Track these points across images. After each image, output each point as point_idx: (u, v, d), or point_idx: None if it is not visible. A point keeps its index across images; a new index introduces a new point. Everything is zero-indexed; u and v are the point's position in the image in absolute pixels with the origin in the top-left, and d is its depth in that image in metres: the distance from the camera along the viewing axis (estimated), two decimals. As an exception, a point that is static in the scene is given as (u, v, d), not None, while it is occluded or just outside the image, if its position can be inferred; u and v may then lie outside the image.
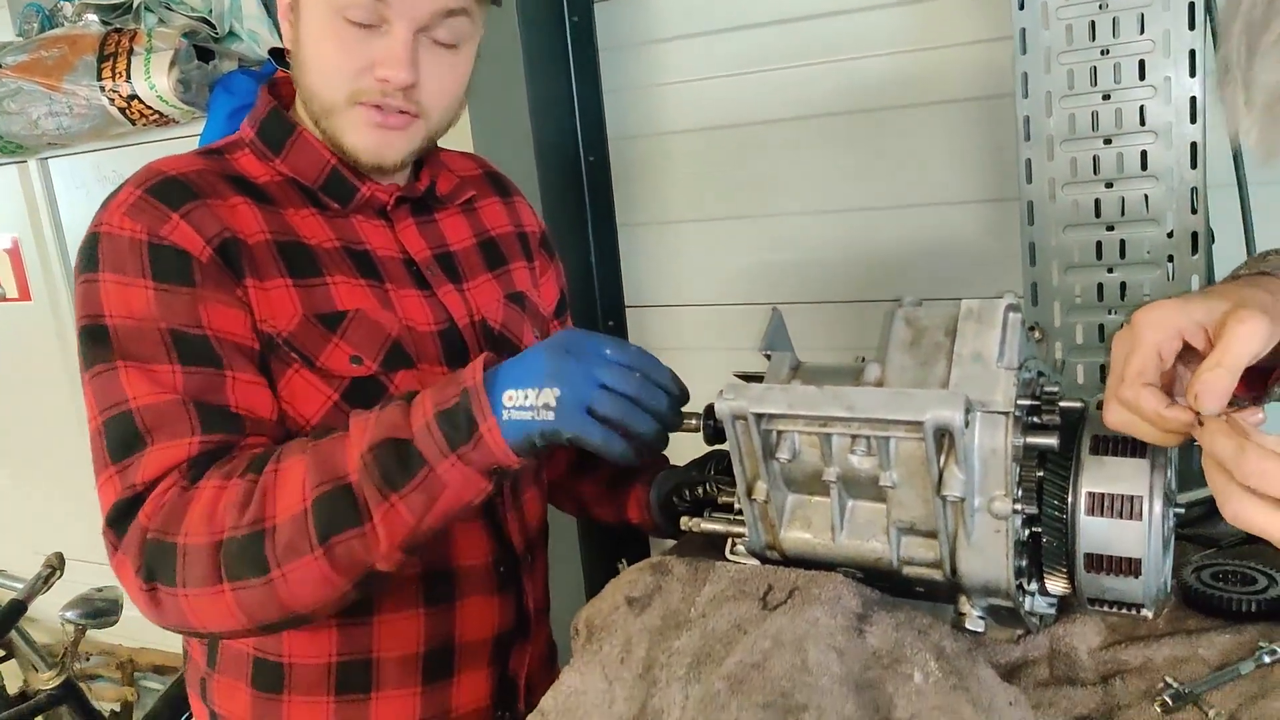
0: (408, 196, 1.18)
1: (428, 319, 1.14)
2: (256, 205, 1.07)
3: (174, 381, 0.97)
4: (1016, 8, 1.52)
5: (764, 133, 2.03)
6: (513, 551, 1.21)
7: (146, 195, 1.02)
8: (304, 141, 1.13)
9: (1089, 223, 1.54)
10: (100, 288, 1.00)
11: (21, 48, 2.61)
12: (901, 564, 0.87)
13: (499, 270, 1.27)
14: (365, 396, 1.05)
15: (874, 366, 0.86)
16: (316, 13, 1.05)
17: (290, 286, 1.05)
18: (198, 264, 1.00)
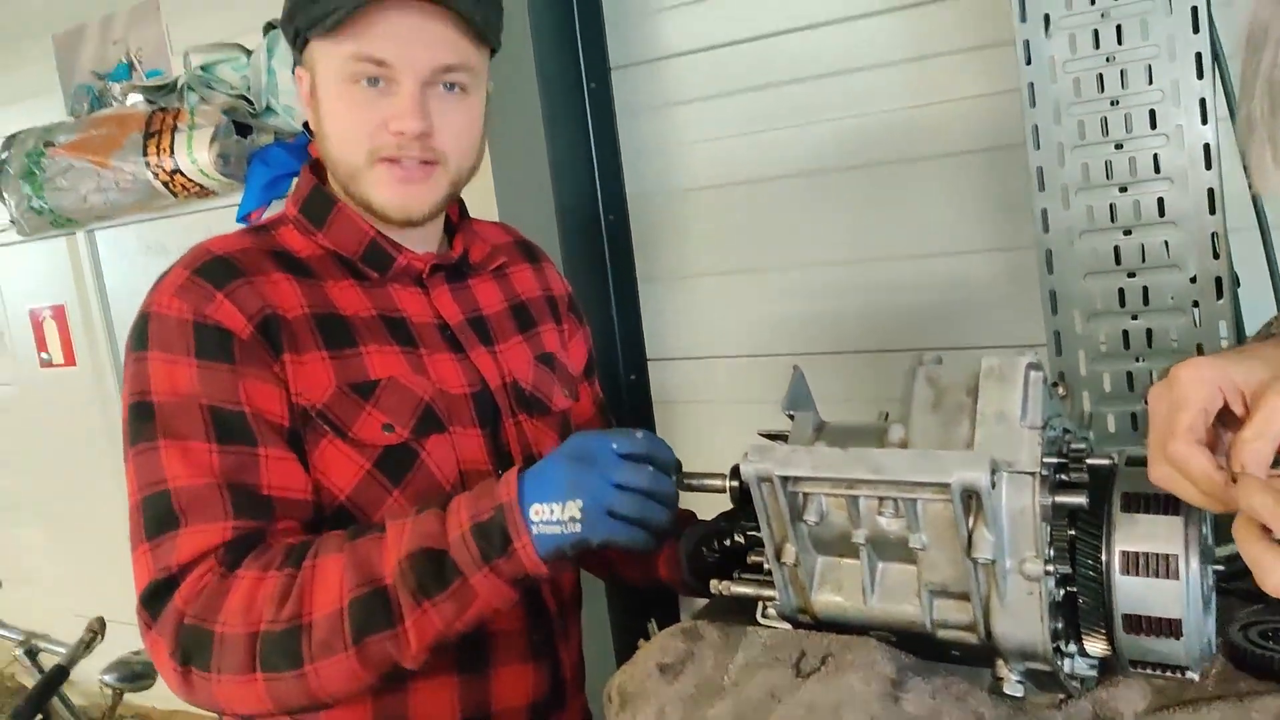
0: (442, 264, 1.22)
1: (460, 381, 1.17)
2: (297, 280, 1.12)
3: (210, 462, 1.01)
4: (1023, 63, 1.54)
5: (779, 188, 2.06)
6: (547, 618, 1.21)
7: (194, 276, 1.07)
8: (344, 216, 1.17)
9: (1110, 270, 1.55)
10: (149, 365, 1.05)
11: (73, 127, 2.72)
12: (935, 627, 0.86)
13: (529, 332, 1.30)
14: (397, 464, 1.09)
15: (898, 427, 0.87)
16: (330, 87, 1.11)
17: (326, 359, 1.09)
18: (239, 341, 1.05)
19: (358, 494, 1.08)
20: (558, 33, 2.10)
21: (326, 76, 1.11)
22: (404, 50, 1.08)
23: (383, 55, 1.07)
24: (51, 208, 2.81)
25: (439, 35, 1.09)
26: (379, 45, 1.07)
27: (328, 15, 1.06)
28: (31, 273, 3.19)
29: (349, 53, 1.08)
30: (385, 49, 1.07)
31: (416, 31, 1.07)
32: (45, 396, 3.22)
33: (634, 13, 2.14)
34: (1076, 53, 1.49)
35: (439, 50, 1.09)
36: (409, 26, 1.07)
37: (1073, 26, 1.48)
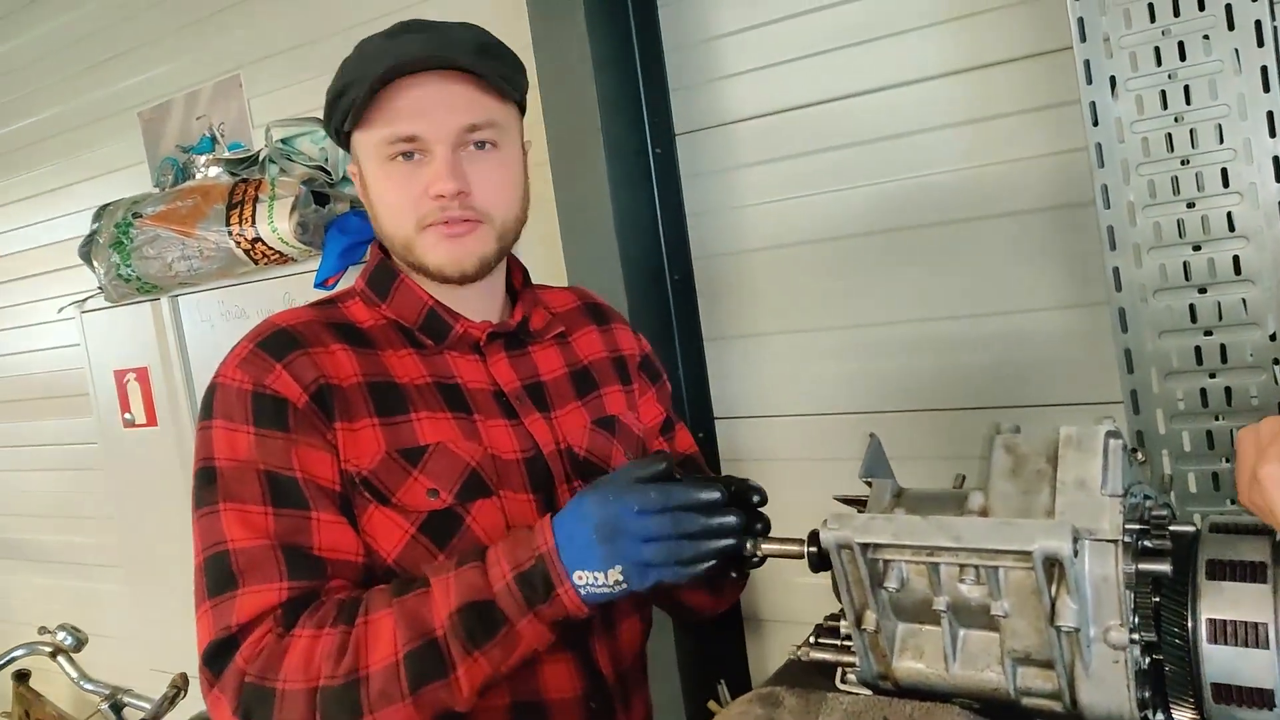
0: (500, 332, 1.25)
1: (514, 447, 1.20)
2: (354, 350, 1.17)
3: (266, 524, 1.07)
4: (1090, 124, 1.54)
5: (844, 247, 2.08)
6: (604, 684, 1.21)
7: (256, 349, 1.14)
8: (405, 287, 1.23)
9: (1185, 328, 1.53)
10: (213, 434, 1.11)
11: (160, 199, 2.84)
12: (1019, 695, 0.86)
13: (589, 397, 1.31)
14: (441, 528, 1.13)
15: (977, 495, 0.88)
16: (373, 170, 1.18)
17: (377, 425, 1.14)
18: (293, 409, 1.10)
19: (403, 557, 1.12)
20: (623, 101, 2.15)
21: (369, 162, 1.18)
22: (428, 120, 1.14)
23: (410, 130, 1.13)
24: (138, 275, 2.93)
25: (459, 98, 1.15)
26: (404, 123, 1.14)
27: (352, 108, 1.14)
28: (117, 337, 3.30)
29: (381, 137, 1.15)
30: (411, 124, 1.13)
31: (436, 100, 1.14)
32: (128, 455, 3.32)
33: (697, 80, 2.20)
34: (1144, 113, 1.49)
35: (460, 113, 1.14)
36: (428, 97, 1.13)
37: (1140, 88, 1.49)
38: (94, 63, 3.39)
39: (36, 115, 3.64)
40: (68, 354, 3.57)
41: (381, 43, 1.17)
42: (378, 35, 1.19)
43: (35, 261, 3.73)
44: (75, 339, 3.46)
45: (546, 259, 2.38)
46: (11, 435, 3.97)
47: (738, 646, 2.34)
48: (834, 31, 2.01)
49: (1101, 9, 1.49)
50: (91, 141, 3.47)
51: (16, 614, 4.06)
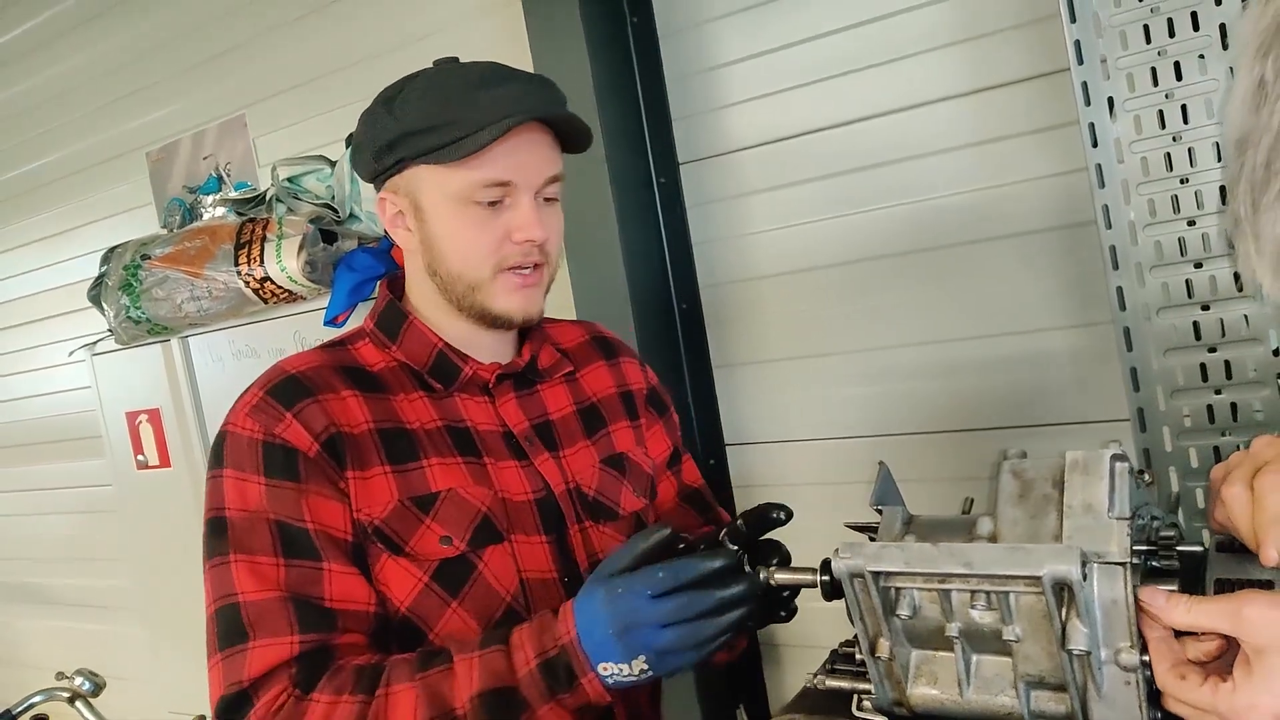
0: (508, 373, 1.26)
1: (524, 488, 1.20)
2: (364, 396, 1.17)
3: (277, 576, 1.07)
4: (1089, 145, 1.56)
5: (850, 272, 2.09)
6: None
7: (266, 396, 1.14)
8: (415, 329, 1.24)
9: (1190, 345, 1.54)
10: (224, 483, 1.11)
11: (167, 240, 2.86)
12: (1033, 718, 0.87)
13: (597, 435, 1.32)
14: (454, 576, 1.14)
15: (986, 521, 0.89)
16: (444, 209, 1.17)
17: (389, 473, 1.14)
18: (304, 459, 1.11)
19: (417, 605, 1.13)
20: (627, 131, 2.17)
21: (439, 199, 1.16)
22: (523, 169, 1.15)
23: (508, 177, 1.14)
24: (148, 317, 2.95)
25: (547, 149, 1.18)
26: (503, 169, 1.14)
27: (448, 146, 1.12)
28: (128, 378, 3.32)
29: (476, 180, 1.14)
30: (508, 171, 1.14)
31: (532, 149, 1.16)
32: (142, 497, 3.33)
33: (700, 109, 2.22)
34: (1143, 133, 1.51)
35: (547, 164, 1.18)
36: (525, 147, 1.15)
37: (1138, 108, 1.51)
38: (101, 105, 3.43)
39: (44, 159, 3.68)
40: (79, 396, 3.59)
41: (482, 87, 1.13)
42: (459, 76, 1.15)
43: (45, 305, 3.76)
44: (87, 381, 3.48)
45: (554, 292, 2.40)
46: (24, 479, 3.99)
47: (755, 672, 2.34)
48: (834, 58, 2.03)
49: (1098, 31, 1.51)
50: (99, 183, 3.51)
51: (32, 659, 4.06)
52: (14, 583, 4.10)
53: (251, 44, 2.97)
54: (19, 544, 4.05)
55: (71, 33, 3.45)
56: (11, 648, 4.19)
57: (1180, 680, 0.76)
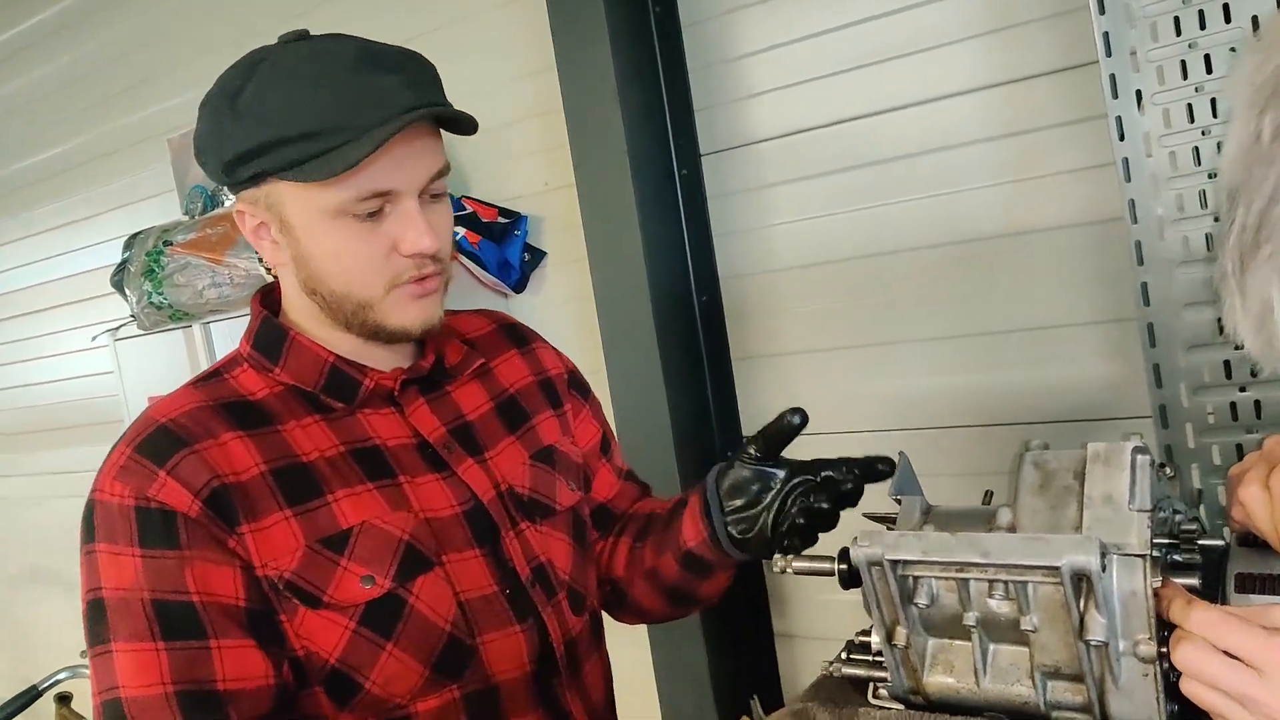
0: (414, 377, 1.15)
1: (449, 501, 1.10)
2: (249, 436, 1.04)
3: (159, 664, 0.95)
4: (1116, 139, 1.55)
5: (872, 265, 2.08)
6: (554, 665, 1.16)
7: (135, 454, 1.00)
8: (299, 345, 1.10)
9: (1215, 343, 1.53)
10: (97, 559, 0.99)
11: (189, 227, 2.89)
12: (1049, 708, 0.87)
13: (521, 429, 1.23)
14: (383, 616, 1.03)
15: (1005, 511, 0.88)
16: (317, 222, 1.03)
17: (290, 517, 1.02)
18: (184, 520, 0.98)
19: (347, 655, 1.02)
20: (648, 122, 2.17)
21: (310, 216, 1.02)
22: (404, 172, 1.02)
23: (387, 186, 1.01)
24: (170, 303, 2.98)
25: (429, 145, 1.05)
26: (382, 177, 1.00)
27: (313, 161, 0.98)
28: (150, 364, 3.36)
29: (351, 194, 1.00)
30: (388, 179, 1.01)
31: (412, 150, 1.02)
32: (162, 481, 3.38)
33: (722, 100, 2.21)
34: (1171, 127, 1.49)
35: (428, 161, 1.04)
36: (406, 147, 1.01)
37: (1166, 102, 1.49)
38: (123, 89, 3.43)
39: (67, 144, 3.70)
40: (101, 381, 3.62)
41: (348, 82, 0.98)
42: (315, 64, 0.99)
43: (67, 290, 3.79)
44: (109, 367, 3.52)
45: (574, 283, 2.41)
46: (46, 463, 4.03)
47: (769, 662, 2.34)
48: (859, 49, 2.02)
49: (1128, 23, 1.50)
50: (122, 169, 3.52)
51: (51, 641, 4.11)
52: (35, 565, 4.15)
53: (275, 32, 2.97)
54: (40, 528, 4.09)
55: (94, 15, 3.47)
56: (29, 630, 4.25)
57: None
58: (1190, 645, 0.74)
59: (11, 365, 4.07)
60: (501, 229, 2.44)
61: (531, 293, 2.52)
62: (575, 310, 2.42)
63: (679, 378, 2.19)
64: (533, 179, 2.46)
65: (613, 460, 1.37)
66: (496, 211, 2.46)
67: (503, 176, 2.51)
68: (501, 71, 2.45)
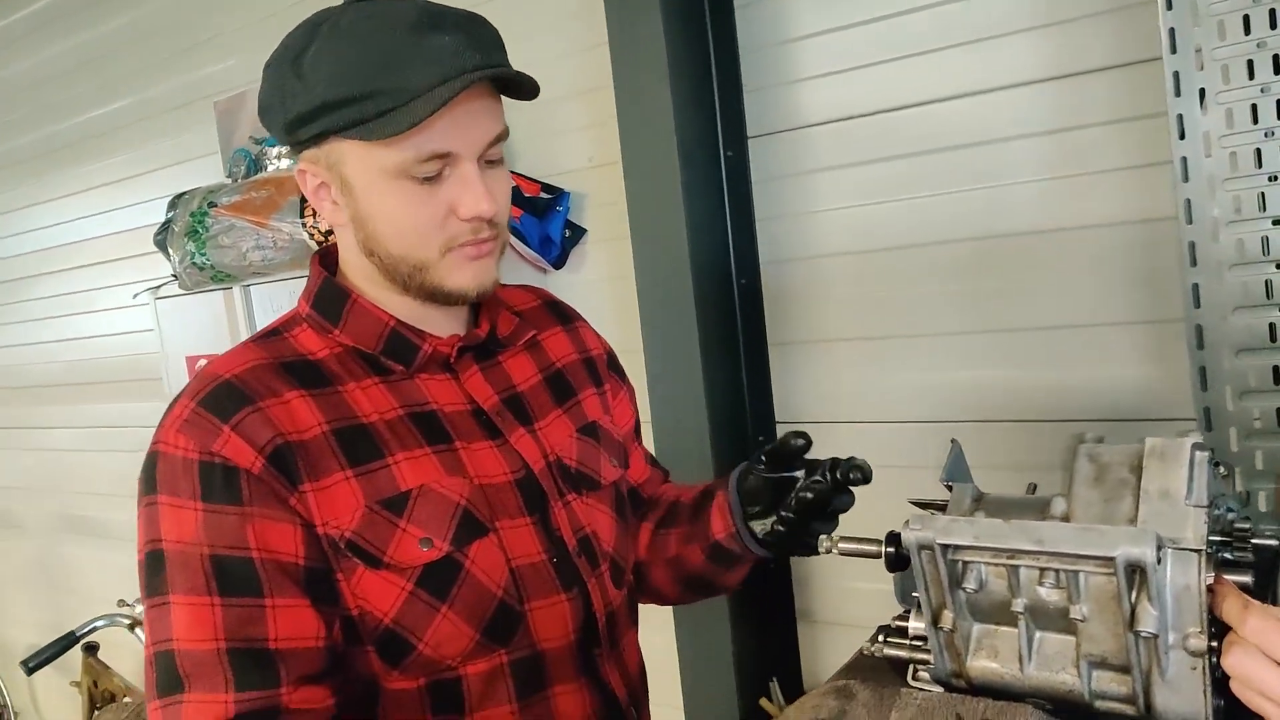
0: (469, 344, 1.16)
1: (502, 469, 1.12)
2: (311, 395, 1.05)
3: (213, 619, 0.97)
4: (1176, 137, 1.54)
5: (914, 256, 2.08)
6: (618, 707, 1.19)
7: (198, 408, 1.01)
8: (360, 308, 1.11)
9: (1264, 347, 1.52)
10: (158, 510, 1.00)
11: (234, 189, 2.92)
12: (1093, 698, 0.87)
13: (568, 404, 1.24)
14: (440, 579, 1.04)
15: (1060, 501, 0.89)
16: (377, 183, 1.04)
17: (351, 478, 1.03)
18: (247, 477, 0.99)
19: (403, 616, 1.04)
20: (697, 102, 2.17)
21: (370, 176, 1.03)
22: (464, 135, 1.02)
23: (446, 148, 1.02)
24: (213, 264, 3.01)
25: (489, 108, 1.05)
26: (441, 140, 1.01)
27: (374, 121, 0.99)
28: (190, 323, 3.40)
29: (411, 155, 1.01)
30: (448, 141, 1.01)
31: (473, 112, 1.02)
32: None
33: (771, 83, 2.21)
34: (1233, 127, 1.48)
35: (488, 124, 1.05)
36: (467, 109, 1.01)
37: (1230, 101, 1.48)
38: (173, 52, 3.47)
39: (114, 103, 3.73)
40: (141, 339, 3.67)
41: (409, 42, 0.98)
42: (377, 22, 0.99)
43: (110, 248, 3.84)
44: (149, 325, 3.57)
45: (613, 261, 2.41)
46: (86, 416, 4.09)
47: (791, 645, 2.35)
48: (913, 37, 2.01)
49: (1195, 20, 1.48)
50: (167, 130, 3.55)
51: (84, 588, 4.19)
52: (70, 514, 4.22)
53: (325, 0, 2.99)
54: (77, 478, 4.16)
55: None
56: (64, 576, 4.33)
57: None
58: (1243, 652, 0.74)
59: (54, 319, 4.13)
60: (544, 204, 2.45)
61: (570, 270, 2.53)
62: (613, 288, 2.43)
63: (716, 359, 2.20)
64: (576, 155, 2.46)
65: (641, 445, 1.40)
66: (539, 187, 2.47)
67: (547, 152, 2.51)
68: (551, 47, 2.45)
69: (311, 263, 1.18)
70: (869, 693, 0.96)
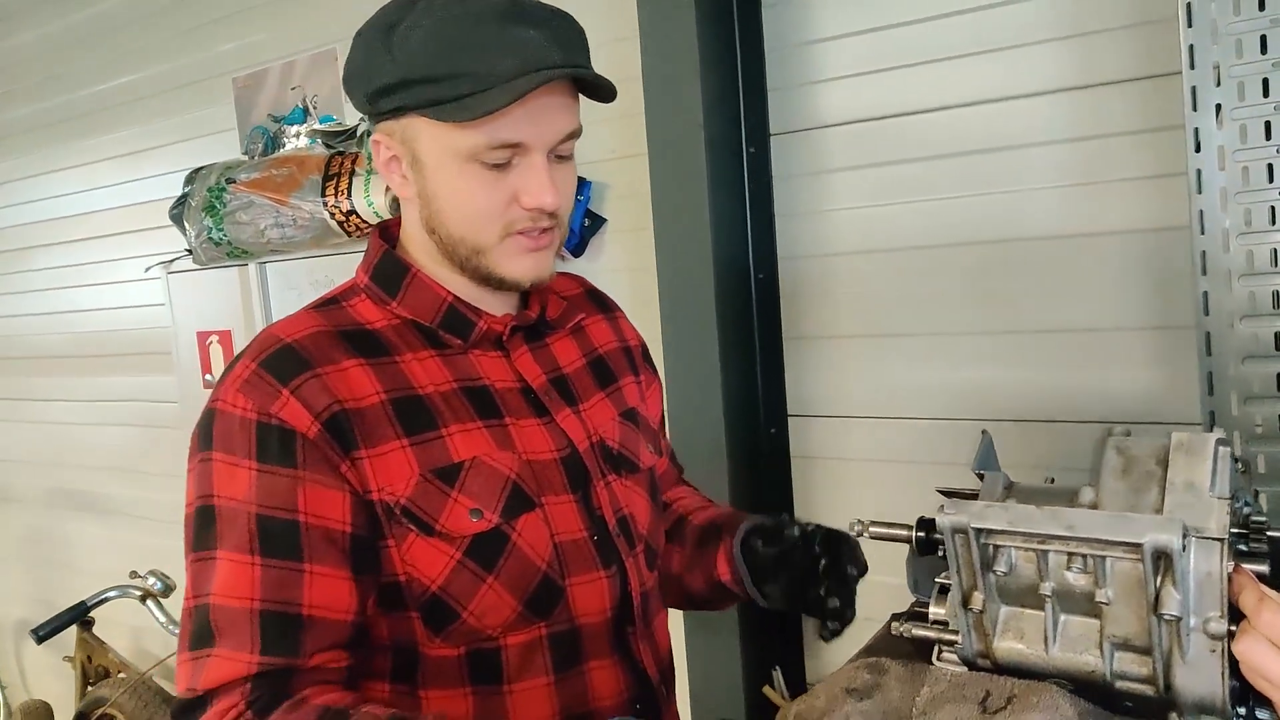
0: (521, 325, 1.20)
1: (549, 446, 1.16)
2: (370, 364, 1.09)
3: (251, 578, 0.99)
4: (1192, 150, 1.59)
5: (929, 256, 2.13)
6: (649, 685, 1.23)
7: (260, 370, 1.04)
8: (419, 282, 1.15)
9: (1269, 355, 1.58)
10: (212, 467, 1.03)
11: (253, 166, 2.94)
12: (1114, 678, 0.92)
13: (610, 388, 1.29)
14: (488, 550, 1.08)
15: (1088, 490, 0.94)
16: (447, 163, 1.07)
17: (406, 446, 1.06)
18: (303, 441, 1.02)
19: (450, 584, 1.07)
20: (724, 99, 2.21)
21: (441, 156, 1.07)
22: (537, 128, 1.06)
23: (519, 138, 1.05)
24: (230, 240, 3.04)
25: (565, 105, 1.08)
26: (514, 130, 1.04)
27: (453, 103, 1.02)
28: (202, 299, 3.42)
29: (483, 142, 1.04)
30: (520, 132, 1.05)
31: (546, 105, 1.05)
32: (206, 412, 3.44)
33: (795, 82, 2.25)
34: (1247, 142, 1.54)
35: (563, 120, 1.08)
36: (543, 104, 1.04)
37: (1245, 117, 1.53)
38: (193, 26, 3.46)
39: (131, 75, 3.72)
40: (152, 313, 3.69)
41: (496, 31, 1.02)
42: (470, 8, 1.02)
43: (123, 220, 3.83)
44: (160, 299, 3.59)
45: (632, 252, 2.46)
46: (92, 389, 4.09)
47: (795, 636, 2.41)
48: (936, 43, 2.06)
49: (1213, 38, 1.54)
50: (184, 104, 3.55)
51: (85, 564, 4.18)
52: (73, 489, 4.22)
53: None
54: (81, 451, 4.16)
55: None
56: (66, 551, 4.33)
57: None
58: (1253, 640, 0.81)
59: (64, 290, 4.12)
60: (565, 193, 2.49)
61: (589, 259, 2.58)
62: (631, 279, 2.47)
63: (733, 352, 2.24)
64: (599, 145, 2.50)
65: (664, 438, 1.45)
66: (561, 175, 2.50)
67: (569, 142, 2.55)
68: (577, 38, 2.49)
69: (371, 235, 1.21)
70: (901, 668, 1.01)
